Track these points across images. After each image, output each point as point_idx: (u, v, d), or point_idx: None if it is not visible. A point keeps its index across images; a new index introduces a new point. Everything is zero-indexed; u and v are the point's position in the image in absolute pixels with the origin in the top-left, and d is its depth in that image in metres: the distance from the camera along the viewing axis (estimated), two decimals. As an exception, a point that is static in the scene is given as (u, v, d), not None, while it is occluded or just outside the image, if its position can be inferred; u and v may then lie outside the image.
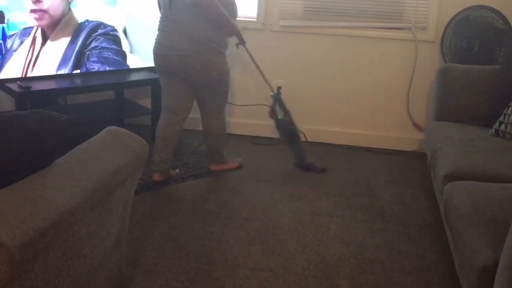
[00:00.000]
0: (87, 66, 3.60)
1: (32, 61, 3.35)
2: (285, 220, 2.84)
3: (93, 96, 3.83)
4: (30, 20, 3.30)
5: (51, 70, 3.43)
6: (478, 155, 2.67)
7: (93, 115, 3.67)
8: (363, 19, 3.84)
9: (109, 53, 3.68)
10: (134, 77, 3.71)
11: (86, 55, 3.56)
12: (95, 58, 3.62)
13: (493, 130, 2.97)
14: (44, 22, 3.34)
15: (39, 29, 3.34)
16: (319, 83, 3.98)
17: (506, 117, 2.92)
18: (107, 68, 3.69)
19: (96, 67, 3.63)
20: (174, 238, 2.58)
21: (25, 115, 1.42)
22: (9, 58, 3.26)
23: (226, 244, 2.56)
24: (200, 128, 4.06)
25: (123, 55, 3.76)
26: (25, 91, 3.15)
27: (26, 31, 3.29)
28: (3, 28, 3.18)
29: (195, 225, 2.71)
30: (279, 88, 3.48)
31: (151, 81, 3.73)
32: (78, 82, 3.47)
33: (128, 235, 2.00)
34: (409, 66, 3.84)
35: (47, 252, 1.29)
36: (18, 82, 3.20)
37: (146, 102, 3.90)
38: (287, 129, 3.49)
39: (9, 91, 3.19)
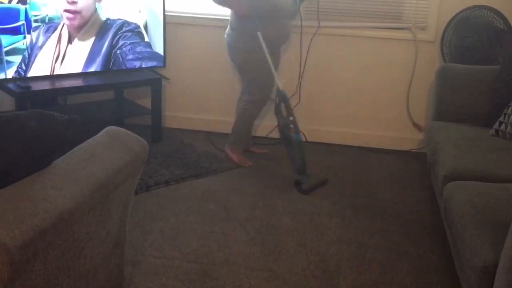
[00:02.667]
0: (127, 66, 3.65)
1: (60, 59, 3.40)
2: (285, 220, 2.84)
3: (93, 96, 3.83)
4: (63, 19, 3.37)
5: (78, 69, 3.48)
6: (478, 155, 2.67)
7: (93, 115, 3.67)
8: (363, 19, 3.84)
9: (141, 47, 3.71)
10: (134, 77, 3.70)
11: (118, 54, 3.59)
12: (132, 56, 3.65)
13: (493, 130, 2.97)
14: (75, 22, 3.41)
15: (65, 27, 3.37)
16: (319, 83, 3.98)
17: (506, 117, 2.92)
18: (149, 63, 3.75)
19: (137, 64, 3.69)
20: (174, 238, 2.58)
21: (25, 115, 1.42)
22: (36, 55, 3.29)
23: (226, 244, 2.56)
24: (202, 128, 4.08)
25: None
26: (25, 91, 3.15)
27: (50, 28, 3.32)
28: (26, 10, 3.20)
29: (195, 225, 2.71)
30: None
31: (151, 81, 3.73)
32: (78, 82, 3.47)
33: (128, 235, 2.00)
34: (409, 66, 3.83)
35: (47, 252, 1.29)
36: (18, 82, 3.20)
37: (146, 102, 3.90)
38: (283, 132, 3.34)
39: (9, 91, 3.19)
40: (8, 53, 3.19)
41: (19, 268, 1.18)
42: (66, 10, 3.37)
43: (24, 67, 3.26)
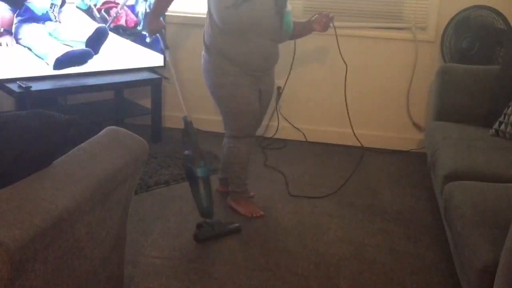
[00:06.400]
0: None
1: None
2: (285, 220, 2.84)
3: (93, 96, 3.83)
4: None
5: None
6: (478, 155, 2.66)
7: (93, 115, 3.67)
8: (363, 19, 3.83)
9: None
10: (134, 77, 3.70)
11: None
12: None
13: (493, 130, 2.97)
14: None
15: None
16: (319, 83, 3.98)
17: (506, 117, 2.92)
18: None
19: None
20: (174, 238, 2.58)
21: (25, 115, 1.42)
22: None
23: (226, 244, 2.56)
24: (201, 128, 4.08)
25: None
26: (25, 91, 3.15)
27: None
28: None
29: (195, 225, 2.71)
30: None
31: (151, 81, 3.73)
32: (78, 82, 3.47)
33: (128, 235, 2.00)
34: (409, 66, 3.83)
35: (47, 252, 1.29)
36: (18, 82, 3.20)
37: (146, 102, 3.90)
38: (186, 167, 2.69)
39: (9, 91, 3.20)
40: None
41: (19, 268, 1.18)
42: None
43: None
